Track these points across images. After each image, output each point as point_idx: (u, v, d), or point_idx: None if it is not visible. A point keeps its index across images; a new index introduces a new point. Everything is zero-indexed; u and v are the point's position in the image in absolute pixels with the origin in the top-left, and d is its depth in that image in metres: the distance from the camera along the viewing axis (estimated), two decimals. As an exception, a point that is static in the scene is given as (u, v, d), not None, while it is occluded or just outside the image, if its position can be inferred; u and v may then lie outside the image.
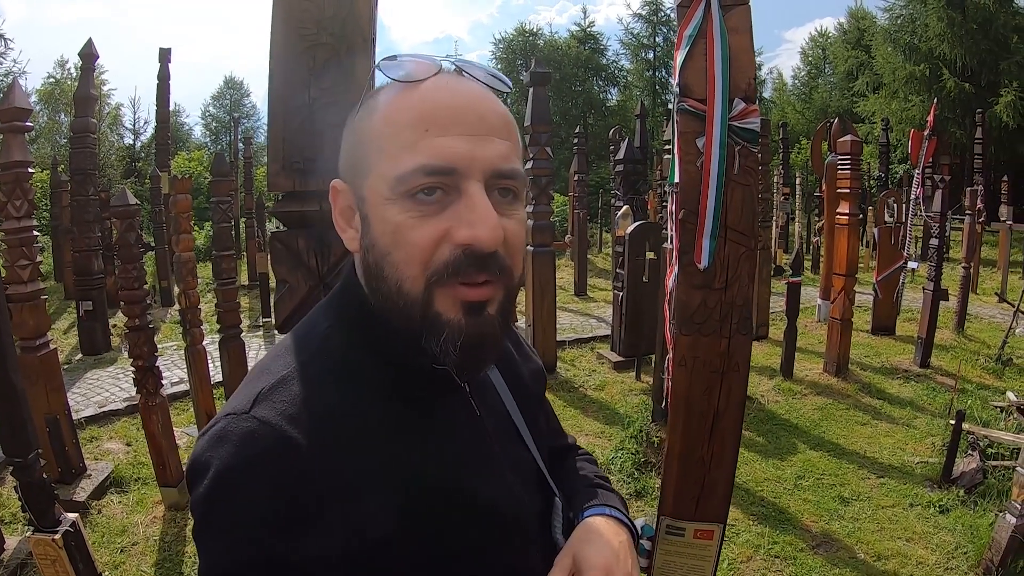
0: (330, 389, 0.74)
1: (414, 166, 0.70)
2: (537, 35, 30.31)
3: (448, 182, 0.71)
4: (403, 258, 0.72)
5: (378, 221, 0.74)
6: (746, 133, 1.83)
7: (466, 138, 0.72)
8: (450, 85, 0.75)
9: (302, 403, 0.71)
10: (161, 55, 11.54)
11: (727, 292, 1.89)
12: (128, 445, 4.84)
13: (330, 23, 1.58)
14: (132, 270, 3.68)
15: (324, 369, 0.76)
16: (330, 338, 0.80)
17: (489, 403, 0.91)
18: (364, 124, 0.77)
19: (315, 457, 0.68)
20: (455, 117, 0.72)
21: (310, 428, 0.69)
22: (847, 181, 6.35)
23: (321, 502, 0.68)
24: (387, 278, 0.74)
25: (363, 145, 0.77)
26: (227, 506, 0.67)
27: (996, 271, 11.01)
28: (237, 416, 0.70)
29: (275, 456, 0.67)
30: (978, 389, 5.66)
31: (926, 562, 3.44)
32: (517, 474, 0.89)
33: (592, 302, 10.08)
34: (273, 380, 0.74)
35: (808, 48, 30.86)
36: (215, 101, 34.87)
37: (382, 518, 0.70)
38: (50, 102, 21.19)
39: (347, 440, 0.71)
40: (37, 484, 2.53)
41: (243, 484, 0.67)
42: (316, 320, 0.84)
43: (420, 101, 0.73)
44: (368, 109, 0.78)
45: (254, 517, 0.66)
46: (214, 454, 0.68)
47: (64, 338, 7.71)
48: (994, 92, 17.55)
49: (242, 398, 0.73)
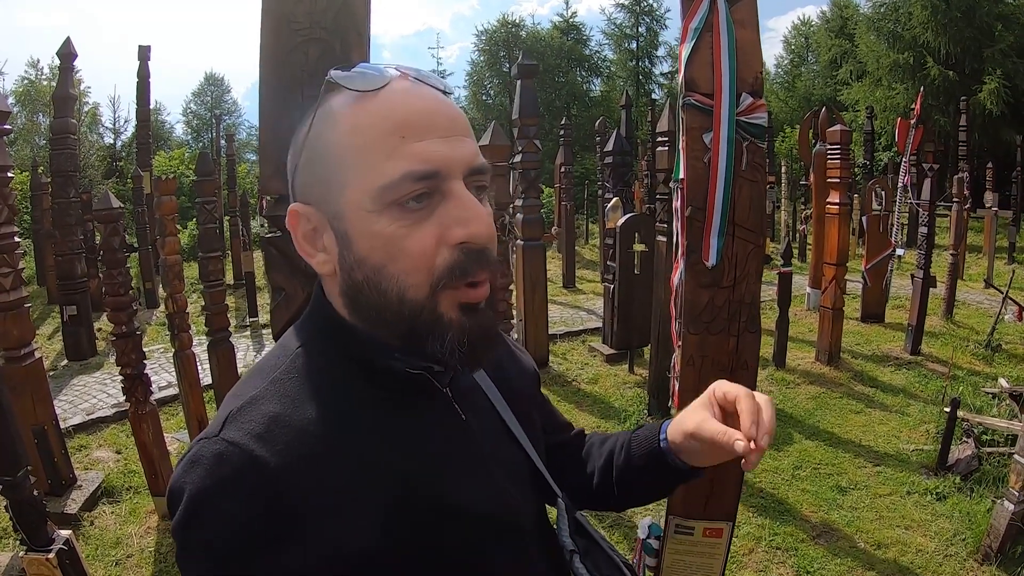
0: (303, 405, 0.73)
1: (400, 174, 0.69)
2: (519, 26, 30.28)
3: (432, 186, 0.71)
4: (404, 268, 0.71)
5: (364, 236, 0.72)
6: (753, 128, 1.80)
7: (442, 140, 0.72)
8: (413, 91, 0.74)
9: (270, 421, 0.70)
10: (140, 52, 11.32)
11: (735, 290, 1.86)
12: (118, 453, 4.76)
13: (322, 16, 1.52)
14: (117, 275, 3.59)
15: (296, 386, 0.75)
16: (300, 356, 0.79)
17: (475, 405, 0.89)
18: (325, 139, 0.74)
19: (287, 474, 0.67)
20: (429, 121, 0.72)
21: (280, 445, 0.69)
22: (837, 170, 6.35)
23: (297, 519, 0.67)
24: (386, 291, 0.73)
25: (327, 160, 0.74)
26: (201, 529, 0.67)
27: (982, 257, 11.12)
28: (208, 440, 0.70)
29: (244, 476, 0.67)
30: (969, 375, 5.71)
31: (925, 549, 3.46)
32: (509, 475, 0.88)
33: (581, 294, 10.05)
34: (242, 402, 0.73)
35: (791, 37, 31.00)
36: (196, 98, 34.56)
37: (364, 530, 0.69)
38: (27, 103, 20.83)
39: (321, 453, 0.70)
40: (27, 502, 2.46)
41: (214, 506, 0.67)
42: (286, 342, 0.83)
43: (389, 108, 0.72)
44: (324, 123, 0.75)
45: (228, 538, 0.66)
46: (187, 479, 0.68)
47: (49, 344, 7.58)
48: (978, 80, 17.69)
49: (214, 422, 0.73)
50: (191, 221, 12.38)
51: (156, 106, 27.93)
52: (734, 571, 3.34)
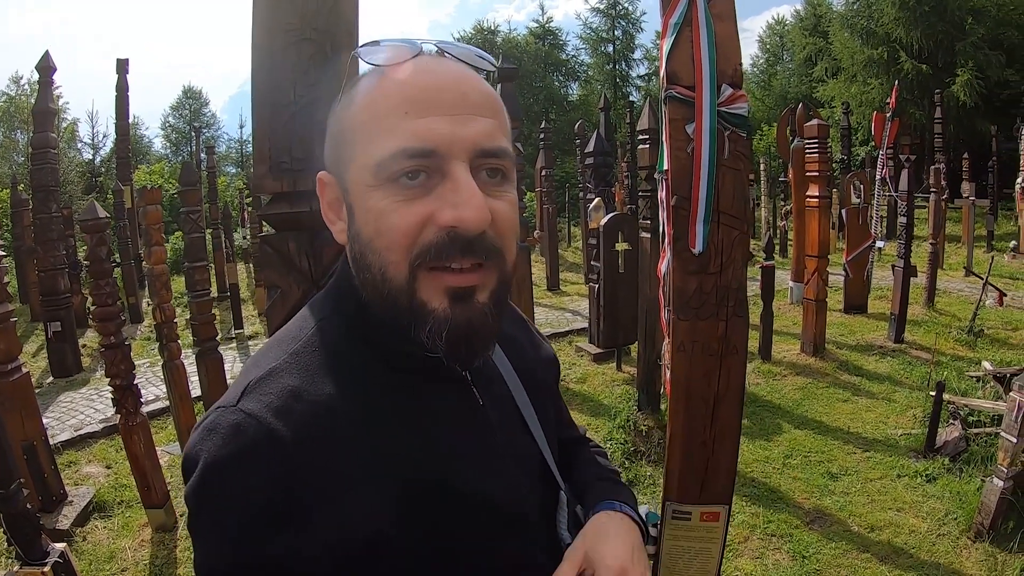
0: (321, 381, 0.72)
1: (394, 150, 0.69)
2: (496, 32, 30.39)
3: (431, 164, 0.69)
4: (386, 244, 0.71)
5: (361, 210, 0.73)
6: (734, 118, 1.84)
7: (447, 118, 0.70)
8: (430, 67, 0.73)
9: (290, 395, 0.70)
10: (119, 66, 11.27)
11: (722, 276, 1.89)
12: (108, 468, 4.71)
13: (313, 17, 1.54)
14: (105, 286, 3.57)
15: (315, 361, 0.74)
16: (323, 330, 0.78)
17: (495, 392, 0.88)
18: (345, 113, 0.76)
19: (302, 450, 0.67)
20: (435, 98, 0.70)
21: (297, 421, 0.68)
22: (815, 164, 6.45)
23: (311, 496, 0.67)
24: (371, 266, 0.73)
25: (345, 134, 0.75)
26: (216, 499, 0.67)
27: (961, 246, 11.31)
28: (225, 409, 0.69)
29: (261, 449, 0.66)
30: (953, 360, 5.81)
31: (918, 530, 3.51)
32: (521, 466, 0.87)
33: (566, 296, 10.12)
34: (261, 372, 0.72)
35: (766, 36, 31.38)
36: (174, 111, 34.29)
37: (376, 511, 0.69)
38: (5, 119, 20.57)
39: (338, 433, 0.70)
40: (21, 515, 2.44)
41: (230, 477, 0.66)
42: (309, 313, 0.82)
43: (399, 85, 0.71)
44: (349, 98, 0.76)
45: (242, 510, 0.66)
46: (203, 447, 0.67)
47: (33, 361, 7.48)
48: (951, 72, 17.98)
49: (232, 391, 0.72)
50: (173, 235, 12.29)
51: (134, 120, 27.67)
52: (730, 559, 3.38)
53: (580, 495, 0.97)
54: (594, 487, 0.99)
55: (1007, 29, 18.27)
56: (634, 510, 0.95)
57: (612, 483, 1.02)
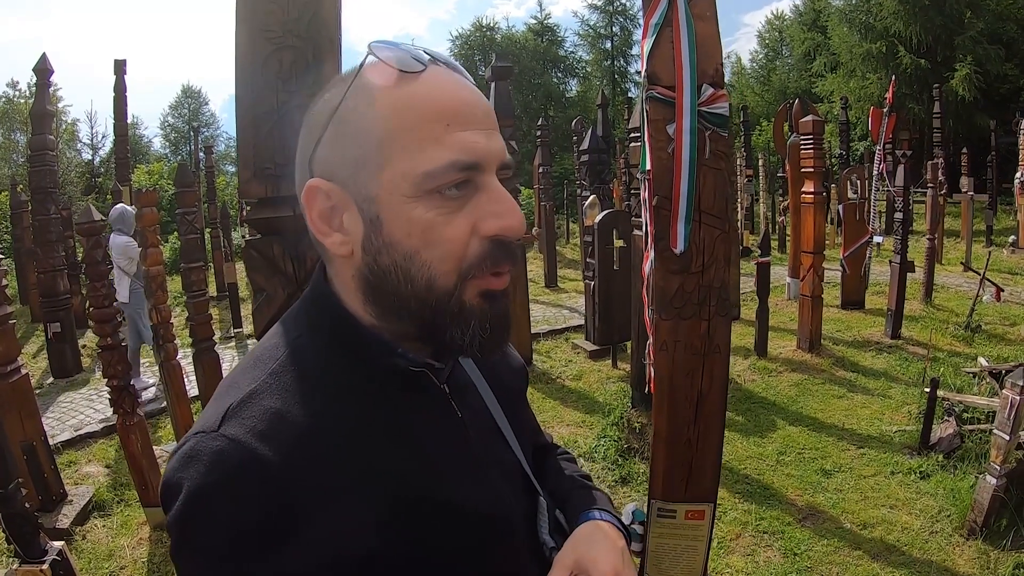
0: (303, 400, 0.71)
1: (446, 162, 0.68)
2: (494, 30, 30.40)
3: (472, 176, 0.71)
4: (438, 255, 0.70)
5: (401, 220, 0.70)
6: (715, 118, 1.85)
7: (481, 132, 0.71)
8: (452, 79, 0.73)
9: (272, 418, 0.68)
10: (116, 67, 11.25)
11: (704, 275, 1.91)
12: (107, 467, 4.75)
13: (295, 25, 1.56)
14: (101, 288, 3.60)
15: (295, 380, 0.73)
16: (301, 347, 0.76)
17: (470, 403, 0.88)
18: (362, 115, 0.71)
19: (288, 473, 0.66)
20: (471, 112, 0.71)
21: (282, 443, 0.67)
22: (810, 160, 6.46)
23: (297, 518, 0.66)
24: (415, 277, 0.71)
25: (362, 138, 0.70)
26: (200, 527, 0.66)
27: (959, 241, 11.30)
28: (206, 435, 0.68)
29: (246, 475, 0.65)
30: (949, 356, 5.82)
31: (911, 527, 3.53)
32: (502, 475, 0.88)
33: (563, 293, 10.14)
34: (242, 395, 0.71)
35: (765, 31, 31.33)
36: (173, 111, 34.36)
37: (363, 529, 0.68)
38: (5, 121, 20.61)
39: (322, 452, 0.69)
40: (20, 514, 2.46)
41: (214, 505, 0.65)
42: (285, 330, 0.80)
43: (434, 94, 0.70)
44: (360, 97, 0.71)
45: (228, 537, 0.65)
46: (185, 475, 0.66)
47: (34, 362, 7.52)
48: (949, 67, 17.92)
49: (211, 415, 0.70)
50: (172, 235, 12.31)
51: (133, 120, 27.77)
52: (722, 556, 3.40)
53: (559, 502, 0.98)
54: (571, 495, 1.00)
55: (1006, 23, 18.22)
56: (615, 517, 0.96)
57: (588, 489, 1.03)
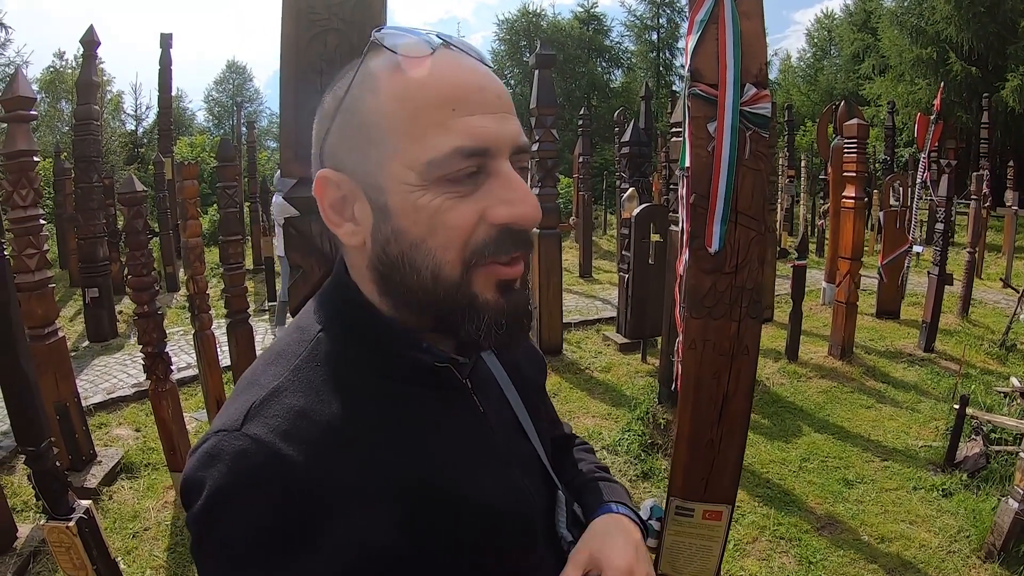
0: (324, 397, 0.71)
1: (450, 149, 0.66)
2: (541, 16, 30.17)
3: (481, 163, 0.68)
4: (442, 243, 0.69)
5: (408, 209, 0.69)
6: (757, 118, 1.83)
7: (492, 116, 0.69)
8: (461, 62, 0.70)
9: (296, 417, 0.68)
10: (162, 41, 11.49)
11: (737, 276, 1.90)
12: (137, 431, 4.88)
13: (340, 8, 1.58)
14: (140, 256, 3.69)
15: (318, 376, 0.72)
16: (322, 342, 0.75)
17: (491, 395, 0.88)
18: (367, 104, 0.70)
19: (312, 472, 0.66)
20: (477, 96, 0.69)
21: (305, 442, 0.67)
22: (853, 164, 6.33)
23: (320, 517, 0.66)
24: (420, 267, 0.70)
25: (367, 127, 0.70)
26: (222, 526, 0.65)
27: (1001, 256, 10.99)
28: (228, 433, 0.67)
29: (269, 475, 0.65)
30: (982, 374, 5.67)
31: (929, 545, 3.47)
32: (522, 469, 0.87)
33: (597, 284, 10.10)
34: (264, 393, 0.70)
35: (814, 30, 30.71)
36: (218, 86, 34.90)
37: (386, 526, 0.68)
38: (51, 90, 21.10)
39: (346, 452, 0.69)
40: (50, 472, 2.55)
41: (237, 504, 0.65)
42: (306, 324, 0.79)
43: (440, 79, 0.68)
44: (365, 86, 0.70)
45: (250, 537, 0.65)
46: (207, 473, 0.65)
47: (70, 325, 7.73)
48: (1001, 76, 17.36)
49: (233, 412, 0.69)
50: (212, 207, 12.54)
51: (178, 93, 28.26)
52: (737, 559, 3.39)
53: (576, 494, 0.98)
54: (589, 487, 1.00)
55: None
56: (631, 510, 0.96)
57: (606, 482, 1.03)
